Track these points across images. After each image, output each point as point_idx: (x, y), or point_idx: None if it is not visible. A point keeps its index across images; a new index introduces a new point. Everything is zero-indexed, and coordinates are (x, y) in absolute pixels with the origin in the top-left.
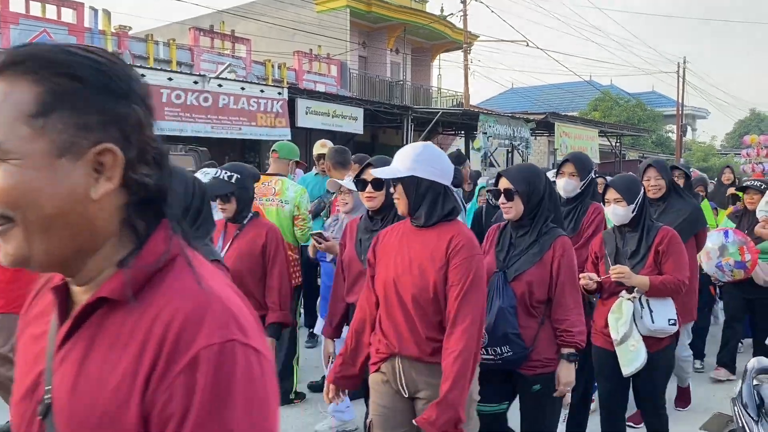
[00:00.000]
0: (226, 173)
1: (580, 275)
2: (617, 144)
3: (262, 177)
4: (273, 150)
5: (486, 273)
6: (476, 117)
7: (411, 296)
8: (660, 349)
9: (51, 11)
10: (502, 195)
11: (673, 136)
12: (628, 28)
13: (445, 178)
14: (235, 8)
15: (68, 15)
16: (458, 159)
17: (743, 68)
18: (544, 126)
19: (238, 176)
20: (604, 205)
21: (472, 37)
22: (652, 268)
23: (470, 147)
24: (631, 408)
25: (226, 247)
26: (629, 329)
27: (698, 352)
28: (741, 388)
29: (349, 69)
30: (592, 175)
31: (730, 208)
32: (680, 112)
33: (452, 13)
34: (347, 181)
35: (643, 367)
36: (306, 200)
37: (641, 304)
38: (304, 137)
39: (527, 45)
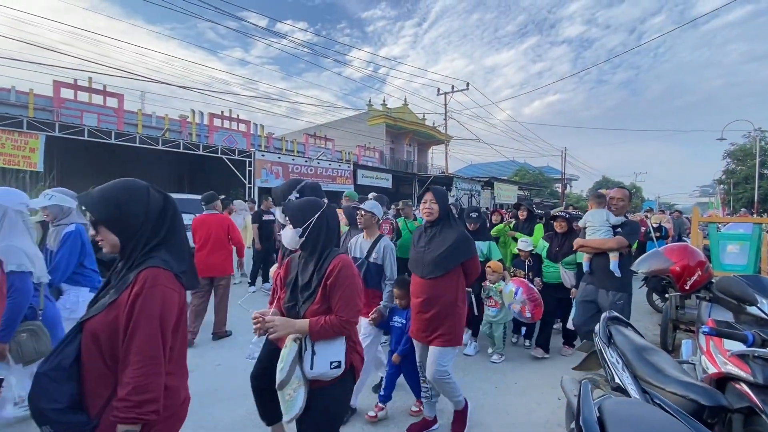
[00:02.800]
0: None
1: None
2: (528, 194)
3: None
4: (344, 195)
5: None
6: (452, 179)
7: None
8: (318, 387)
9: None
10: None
11: (559, 190)
12: (534, 132)
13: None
14: (328, 123)
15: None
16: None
17: (598, 151)
18: (488, 184)
19: None
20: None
21: (449, 137)
22: (320, 304)
23: (449, 194)
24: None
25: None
26: (287, 376)
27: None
28: (599, 328)
29: (384, 154)
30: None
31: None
32: (563, 177)
33: (439, 125)
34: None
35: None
36: None
37: (305, 346)
38: (360, 190)
39: (479, 141)
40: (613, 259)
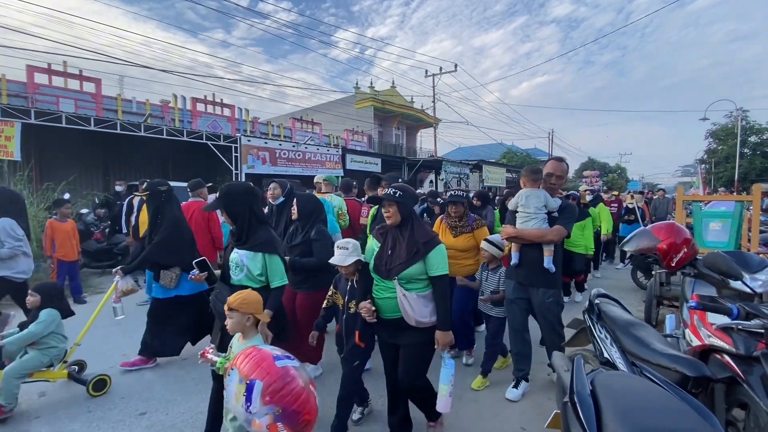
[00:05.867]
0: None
1: None
2: (516, 176)
3: (318, 194)
4: (324, 180)
5: None
6: (440, 162)
7: None
8: None
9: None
10: None
11: None
12: (522, 114)
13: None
14: (314, 106)
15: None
16: (372, 181)
17: (585, 132)
18: (477, 167)
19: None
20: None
21: (437, 120)
22: None
23: (438, 178)
24: None
25: None
26: None
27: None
28: (587, 305)
29: (373, 138)
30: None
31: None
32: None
33: (427, 107)
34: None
35: None
36: (344, 205)
37: None
38: (351, 175)
39: (467, 123)
40: (548, 254)
